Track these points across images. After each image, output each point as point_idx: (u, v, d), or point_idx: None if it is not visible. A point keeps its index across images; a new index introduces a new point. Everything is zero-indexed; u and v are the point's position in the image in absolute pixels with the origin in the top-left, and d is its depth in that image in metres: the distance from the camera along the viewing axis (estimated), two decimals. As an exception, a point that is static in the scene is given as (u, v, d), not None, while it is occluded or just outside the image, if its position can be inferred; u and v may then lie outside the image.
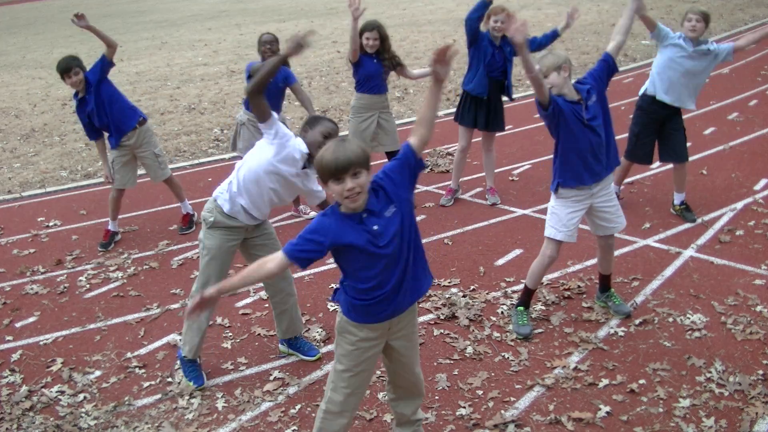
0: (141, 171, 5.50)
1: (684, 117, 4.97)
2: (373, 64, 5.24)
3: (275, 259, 2.34)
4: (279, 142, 3.17)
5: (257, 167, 3.22)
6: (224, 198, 3.31)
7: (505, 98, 5.40)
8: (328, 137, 3.02)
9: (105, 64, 4.93)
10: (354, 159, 2.22)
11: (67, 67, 4.85)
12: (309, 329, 3.93)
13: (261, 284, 4.49)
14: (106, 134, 5.13)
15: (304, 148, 3.20)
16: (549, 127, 3.49)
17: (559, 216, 3.61)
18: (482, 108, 5.29)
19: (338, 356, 2.58)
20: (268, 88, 5.13)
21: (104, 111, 4.97)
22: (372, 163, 2.32)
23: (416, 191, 5.90)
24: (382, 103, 5.36)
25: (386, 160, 5.63)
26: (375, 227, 2.32)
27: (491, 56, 5.14)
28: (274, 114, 3.21)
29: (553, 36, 5.28)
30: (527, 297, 3.83)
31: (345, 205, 2.30)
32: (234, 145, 5.51)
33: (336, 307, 4.03)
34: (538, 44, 5.19)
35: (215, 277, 3.35)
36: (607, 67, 3.49)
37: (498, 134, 5.60)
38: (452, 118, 5.65)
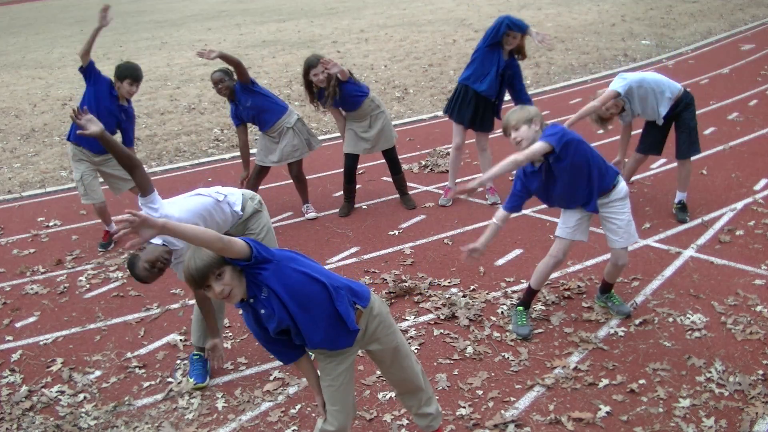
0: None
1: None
2: (334, 97, 5.24)
3: (234, 245, 2.23)
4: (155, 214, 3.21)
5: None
6: None
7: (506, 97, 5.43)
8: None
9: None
10: (204, 267, 2.21)
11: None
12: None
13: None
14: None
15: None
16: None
17: (565, 213, 3.66)
18: (470, 107, 5.29)
19: (319, 369, 2.60)
20: (247, 117, 5.32)
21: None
22: (369, 163, 2.33)
23: (416, 191, 5.90)
24: (366, 110, 5.33)
25: (383, 159, 5.63)
26: (262, 311, 2.35)
27: (505, 66, 5.17)
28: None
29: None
30: (529, 297, 3.83)
31: (229, 302, 2.35)
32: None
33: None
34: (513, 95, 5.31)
35: None
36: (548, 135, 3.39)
37: (494, 133, 5.59)
38: (444, 113, 5.63)
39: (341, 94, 5.18)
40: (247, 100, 5.21)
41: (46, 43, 18.42)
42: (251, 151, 5.86)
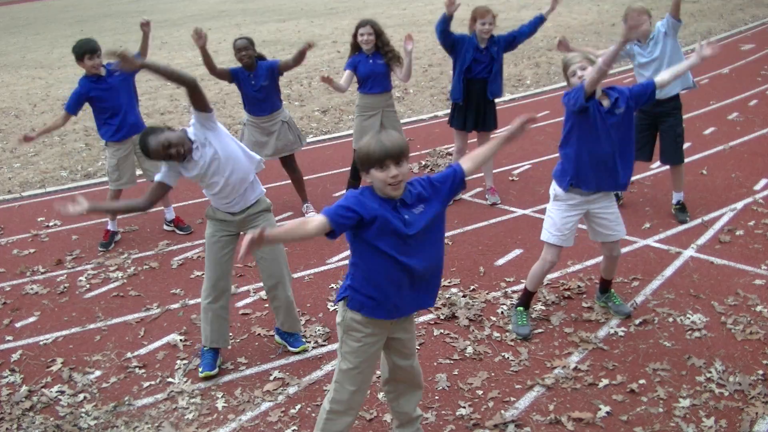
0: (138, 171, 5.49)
1: (684, 117, 4.96)
2: (369, 63, 5.27)
3: (315, 220, 2.34)
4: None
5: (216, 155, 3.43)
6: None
7: (501, 97, 5.43)
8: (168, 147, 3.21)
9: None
10: (402, 147, 2.33)
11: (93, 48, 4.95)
12: (308, 328, 3.92)
13: (260, 283, 4.50)
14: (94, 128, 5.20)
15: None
16: (568, 120, 3.49)
17: (554, 220, 3.61)
18: (471, 110, 5.31)
19: (344, 354, 2.59)
20: (250, 95, 5.25)
21: (128, 96, 5.11)
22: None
23: (416, 191, 5.90)
24: (386, 101, 5.38)
25: None
26: (406, 216, 2.40)
27: (471, 60, 5.17)
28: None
29: (539, 21, 5.30)
30: (527, 299, 3.83)
31: (386, 192, 2.37)
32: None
33: (335, 307, 4.02)
34: (526, 34, 5.23)
35: (208, 266, 3.54)
36: (646, 92, 3.47)
37: (494, 134, 5.60)
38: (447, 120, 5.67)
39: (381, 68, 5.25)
40: (266, 80, 5.20)
41: (46, 43, 18.43)
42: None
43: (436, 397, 3.28)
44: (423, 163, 6.59)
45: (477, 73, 5.19)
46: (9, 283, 4.82)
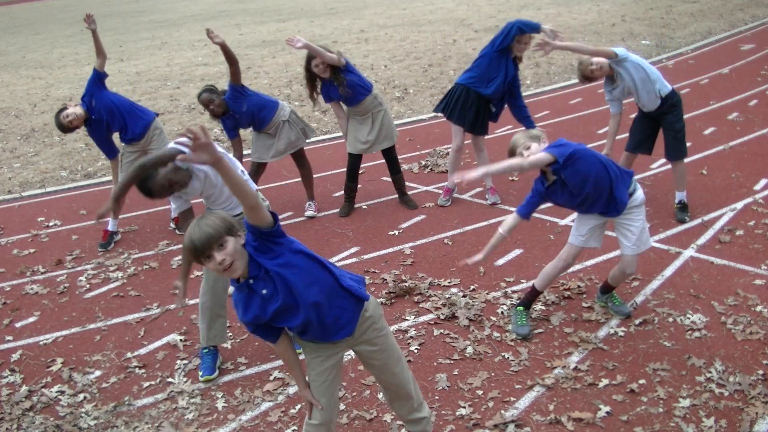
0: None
1: (684, 117, 4.95)
2: (333, 86, 5.13)
3: (266, 213, 2.24)
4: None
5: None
6: None
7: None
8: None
9: (99, 75, 5.06)
10: (213, 233, 2.18)
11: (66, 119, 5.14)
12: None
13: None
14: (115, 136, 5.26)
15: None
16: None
17: (579, 220, 3.66)
18: (470, 111, 5.29)
19: (307, 363, 2.58)
20: (244, 123, 5.27)
21: (116, 116, 5.13)
22: (369, 163, 2.33)
23: (416, 191, 5.90)
24: (372, 102, 5.29)
25: (383, 159, 5.62)
26: (264, 291, 2.29)
27: (513, 75, 5.19)
28: None
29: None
30: (532, 297, 3.82)
31: (228, 276, 2.27)
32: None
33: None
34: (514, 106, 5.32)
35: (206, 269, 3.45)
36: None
37: (494, 134, 5.61)
38: (436, 111, 5.63)
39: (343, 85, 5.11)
40: (243, 105, 5.10)
41: (46, 43, 18.43)
42: (245, 151, 5.85)
43: (436, 397, 3.28)
44: (423, 163, 6.60)
45: (493, 93, 5.21)
46: (9, 283, 4.82)
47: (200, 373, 3.55)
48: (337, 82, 5.08)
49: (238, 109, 5.11)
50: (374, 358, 2.59)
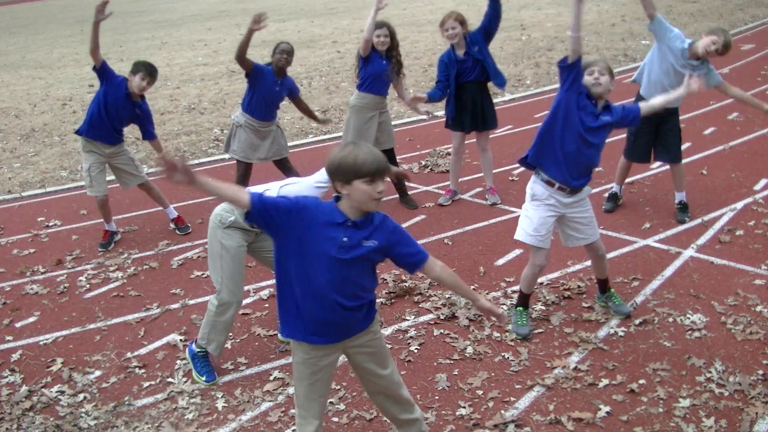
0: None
1: (683, 117, 4.97)
2: (382, 63, 5.25)
3: (244, 196, 2.31)
4: (323, 191, 3.21)
5: None
6: None
7: (499, 97, 5.41)
8: None
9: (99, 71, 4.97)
10: (387, 164, 2.33)
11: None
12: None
13: (262, 284, 4.51)
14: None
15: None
16: (554, 106, 3.47)
17: (531, 219, 3.59)
18: (466, 113, 5.29)
19: (295, 364, 2.55)
20: (268, 98, 5.21)
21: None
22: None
23: (416, 191, 5.90)
24: (383, 103, 5.38)
25: None
26: (344, 239, 2.33)
27: (456, 72, 5.17)
28: None
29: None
30: (524, 300, 3.83)
31: (369, 207, 2.35)
32: (228, 146, 5.50)
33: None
34: (491, 16, 5.13)
35: (237, 275, 3.43)
36: (628, 117, 3.52)
37: (494, 134, 5.59)
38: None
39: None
40: (285, 92, 5.34)
41: (46, 43, 18.42)
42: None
43: (436, 397, 3.28)
44: (423, 162, 6.60)
45: (466, 77, 5.19)
46: (9, 283, 4.81)
47: (203, 379, 3.51)
48: (394, 60, 5.28)
49: (283, 89, 5.32)
50: (364, 360, 2.58)
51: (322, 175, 3.20)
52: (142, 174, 5.34)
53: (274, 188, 3.26)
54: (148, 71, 4.93)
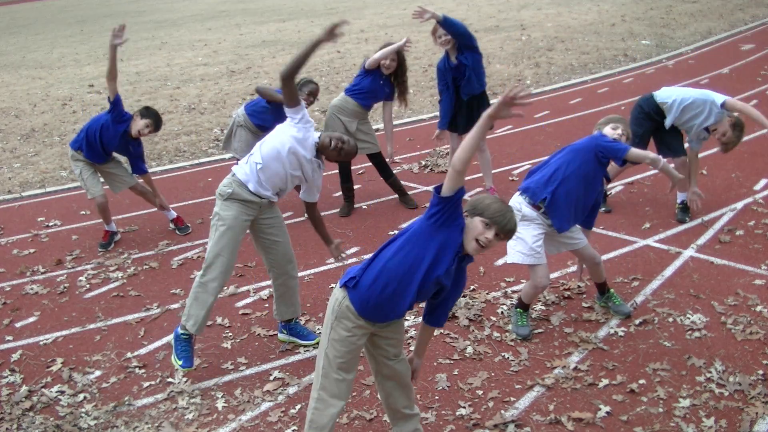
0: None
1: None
2: (379, 83, 5.28)
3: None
4: (303, 126, 3.42)
5: (280, 145, 3.41)
6: (243, 171, 3.46)
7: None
8: (338, 143, 3.44)
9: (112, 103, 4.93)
10: (513, 233, 2.55)
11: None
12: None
13: (262, 284, 4.50)
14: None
15: (317, 139, 3.48)
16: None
17: (525, 240, 3.57)
18: (461, 114, 5.32)
19: (331, 341, 2.58)
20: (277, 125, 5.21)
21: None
22: (369, 164, 2.34)
23: (416, 191, 5.91)
24: (363, 115, 5.43)
25: (369, 163, 5.65)
26: (453, 267, 2.54)
27: (452, 79, 5.21)
28: (302, 101, 3.46)
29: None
30: (525, 304, 3.82)
31: (469, 247, 2.51)
32: (227, 145, 5.49)
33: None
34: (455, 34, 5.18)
35: (228, 251, 3.45)
36: (615, 156, 3.59)
37: (494, 134, 5.60)
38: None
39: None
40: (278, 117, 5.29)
41: (46, 43, 18.43)
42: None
43: (436, 397, 3.28)
44: (423, 162, 6.60)
45: (461, 81, 5.23)
46: (9, 283, 4.81)
47: (180, 363, 3.45)
48: (397, 81, 5.29)
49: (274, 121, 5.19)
50: (393, 345, 2.69)
51: (290, 113, 3.40)
52: (131, 178, 5.32)
53: (256, 151, 3.46)
54: (155, 122, 5.01)
